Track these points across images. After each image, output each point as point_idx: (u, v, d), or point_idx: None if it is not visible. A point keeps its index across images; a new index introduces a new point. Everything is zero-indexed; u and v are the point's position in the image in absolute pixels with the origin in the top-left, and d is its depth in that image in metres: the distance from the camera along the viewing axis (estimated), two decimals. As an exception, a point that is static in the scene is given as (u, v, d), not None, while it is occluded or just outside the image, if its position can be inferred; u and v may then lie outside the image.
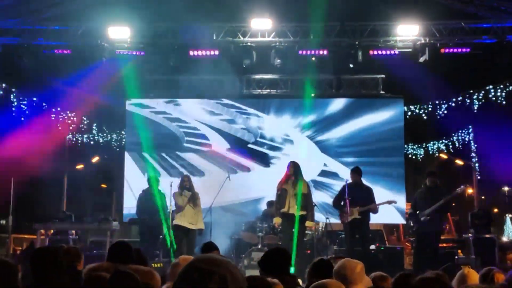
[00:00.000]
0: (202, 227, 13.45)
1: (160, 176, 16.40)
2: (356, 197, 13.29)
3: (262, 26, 16.29)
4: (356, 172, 13.76)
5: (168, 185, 13.93)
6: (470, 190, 24.05)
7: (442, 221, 13.58)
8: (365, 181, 14.11)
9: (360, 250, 12.94)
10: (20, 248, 16.94)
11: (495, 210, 32.07)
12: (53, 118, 19.36)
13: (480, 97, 18.14)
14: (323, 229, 15.22)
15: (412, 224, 13.60)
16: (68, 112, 19.89)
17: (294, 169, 13.03)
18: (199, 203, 13.44)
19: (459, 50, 16.19)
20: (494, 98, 17.63)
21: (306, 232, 13.94)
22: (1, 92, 17.32)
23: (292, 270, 11.32)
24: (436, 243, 13.29)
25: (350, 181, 13.70)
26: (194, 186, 13.80)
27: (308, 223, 13.06)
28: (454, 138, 21.76)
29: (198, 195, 13.48)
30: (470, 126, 21.18)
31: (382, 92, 18.64)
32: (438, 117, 19.21)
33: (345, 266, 5.65)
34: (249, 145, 18.36)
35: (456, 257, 14.41)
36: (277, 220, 13.16)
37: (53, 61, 16.64)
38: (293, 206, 12.80)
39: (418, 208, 13.27)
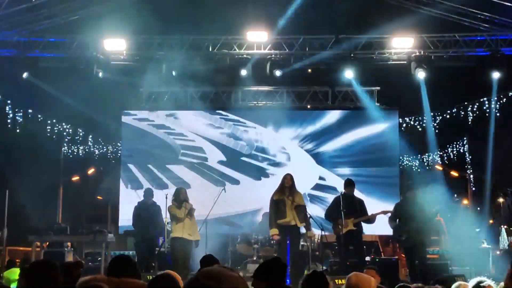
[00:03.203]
0: (199, 238, 13.37)
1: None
2: (351, 209, 13.35)
3: (258, 38, 16.39)
4: (350, 184, 13.81)
5: (163, 197, 13.92)
6: (465, 201, 24.07)
7: (428, 234, 13.52)
8: (358, 193, 14.15)
9: (357, 262, 12.94)
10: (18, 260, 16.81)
11: (490, 221, 32.02)
12: (49, 130, 19.35)
13: (474, 109, 18.21)
14: (318, 241, 15.21)
15: None
16: (63, 123, 19.91)
17: (292, 181, 13.06)
18: (194, 214, 13.36)
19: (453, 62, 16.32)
20: (488, 110, 17.70)
21: (302, 243, 13.96)
22: (-3, 104, 17.35)
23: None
24: (418, 255, 13.19)
25: (343, 192, 13.75)
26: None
27: (309, 234, 13.28)
28: (449, 149, 21.81)
29: (193, 207, 13.46)
30: (465, 138, 21.25)
31: (377, 104, 18.69)
32: (433, 128, 19.27)
33: (362, 280, 5.57)
34: (244, 158, 18.35)
35: (450, 268, 14.39)
36: (274, 232, 12.90)
37: (49, 72, 16.65)
38: (295, 217, 12.81)
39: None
